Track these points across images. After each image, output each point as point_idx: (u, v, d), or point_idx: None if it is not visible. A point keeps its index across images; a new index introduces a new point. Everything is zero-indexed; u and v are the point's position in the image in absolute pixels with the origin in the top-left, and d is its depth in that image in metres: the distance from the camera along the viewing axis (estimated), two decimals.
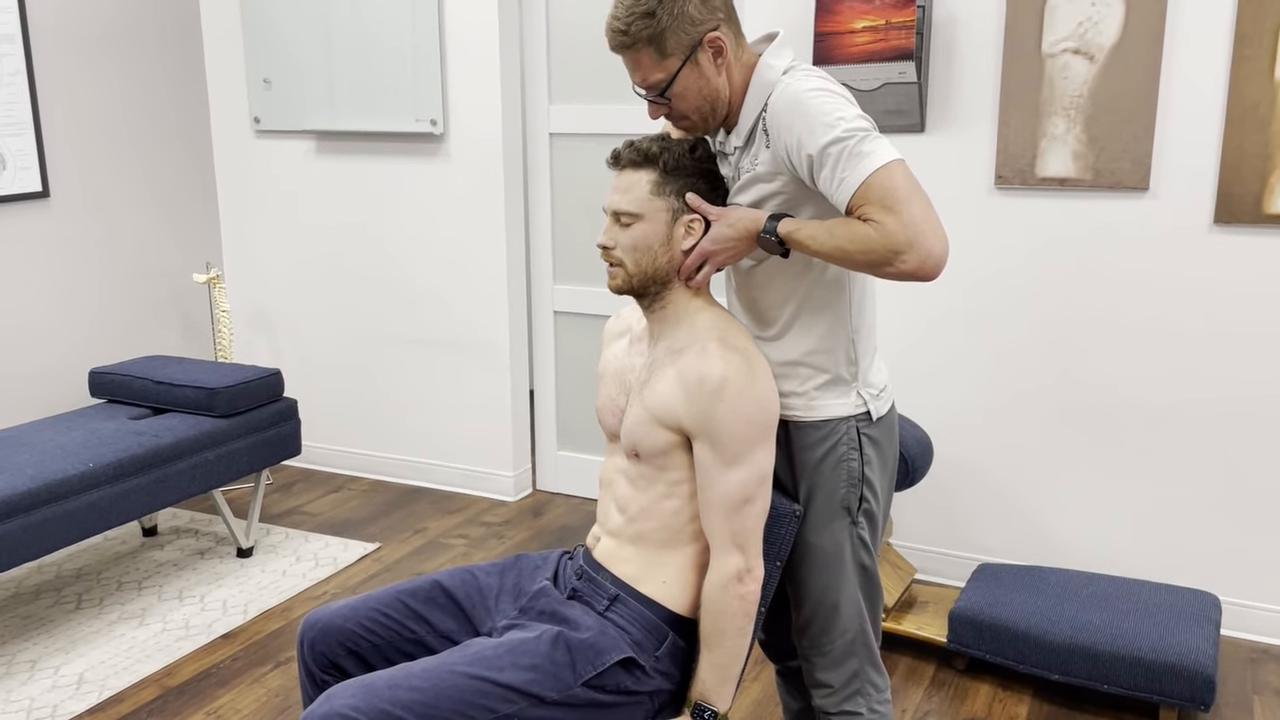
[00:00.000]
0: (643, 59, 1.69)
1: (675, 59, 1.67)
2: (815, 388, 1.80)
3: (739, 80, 1.72)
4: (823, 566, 1.84)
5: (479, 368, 4.05)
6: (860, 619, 1.88)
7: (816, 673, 1.91)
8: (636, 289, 1.78)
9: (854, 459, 1.81)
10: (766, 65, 1.71)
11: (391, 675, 1.66)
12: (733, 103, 1.74)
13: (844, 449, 1.80)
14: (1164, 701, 2.59)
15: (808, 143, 1.61)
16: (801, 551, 1.85)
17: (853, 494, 1.82)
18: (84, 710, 2.73)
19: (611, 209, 1.77)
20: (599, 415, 1.91)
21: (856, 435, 1.81)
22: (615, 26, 1.68)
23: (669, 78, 1.69)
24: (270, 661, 2.96)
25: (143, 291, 4.13)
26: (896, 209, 1.54)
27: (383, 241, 4.11)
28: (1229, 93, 2.80)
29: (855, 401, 1.81)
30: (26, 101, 3.63)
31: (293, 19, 4.00)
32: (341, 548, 3.66)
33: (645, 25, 1.65)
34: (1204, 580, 3.08)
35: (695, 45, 1.67)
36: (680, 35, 1.66)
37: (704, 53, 1.68)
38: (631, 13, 1.66)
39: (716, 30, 1.68)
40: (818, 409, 1.80)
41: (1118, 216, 2.98)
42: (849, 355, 1.80)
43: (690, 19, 1.66)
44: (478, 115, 3.82)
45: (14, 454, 3.01)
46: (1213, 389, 2.97)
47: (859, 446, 1.81)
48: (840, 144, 1.58)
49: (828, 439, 1.80)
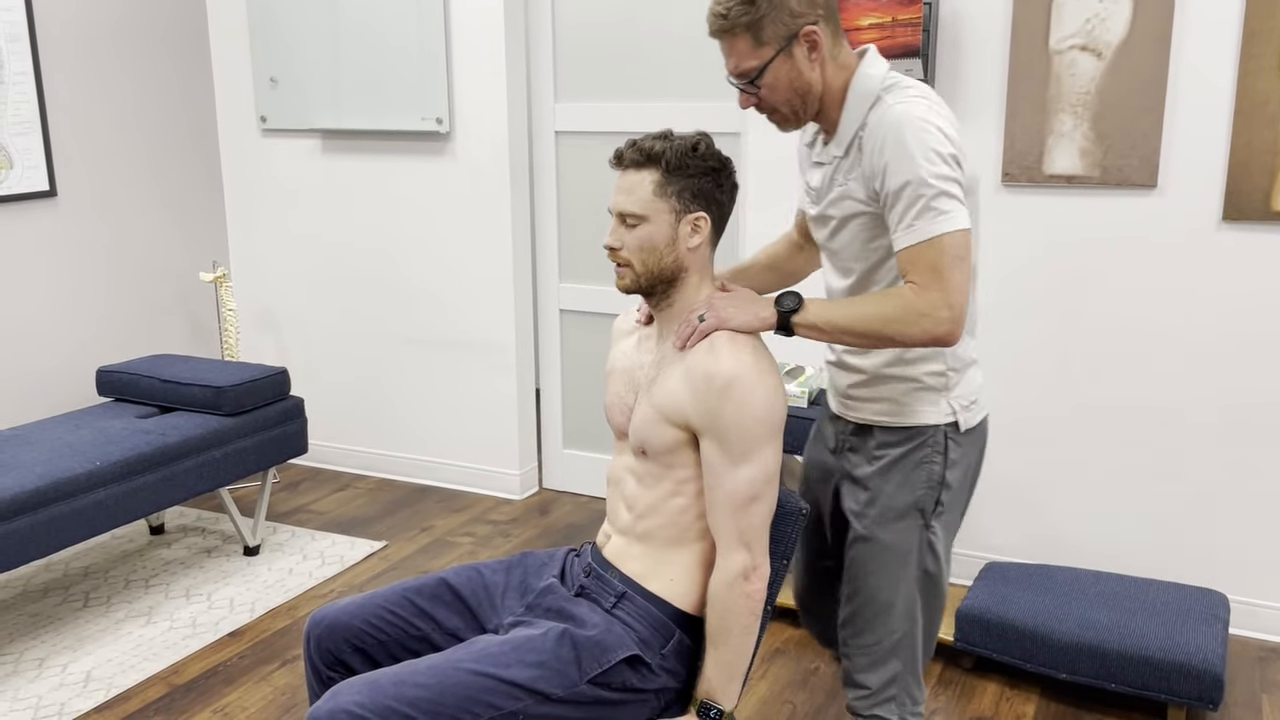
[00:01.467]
0: (738, 45, 1.70)
1: (770, 48, 1.69)
2: (904, 393, 1.82)
3: (835, 81, 1.73)
4: (884, 562, 1.84)
5: (485, 366, 4.05)
6: (911, 623, 1.86)
7: (855, 672, 1.90)
8: (645, 288, 1.78)
9: (936, 463, 1.82)
10: (865, 75, 1.72)
11: (397, 672, 1.66)
12: (826, 103, 1.75)
13: (928, 452, 1.82)
14: (1172, 700, 2.58)
15: (892, 174, 1.64)
16: (866, 545, 1.85)
17: (929, 496, 1.82)
18: (91, 708, 2.73)
19: (616, 210, 1.76)
20: (607, 413, 1.91)
21: (944, 441, 1.82)
22: (716, 10, 1.70)
23: (761, 65, 1.69)
24: (277, 659, 2.96)
25: (149, 290, 4.14)
26: (946, 275, 1.62)
27: (389, 240, 4.11)
28: (1237, 89, 2.79)
29: (945, 410, 1.82)
30: (33, 101, 3.64)
31: (299, 18, 4.01)
32: (348, 546, 3.67)
33: (744, 11, 1.67)
34: (1212, 579, 3.07)
35: (791, 37, 1.68)
36: (777, 25, 1.67)
37: (799, 46, 1.69)
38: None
39: (814, 25, 1.69)
40: (906, 415, 1.82)
41: (1125, 214, 2.97)
42: (939, 366, 1.81)
43: (789, 10, 1.67)
44: (484, 114, 3.82)
45: (22, 452, 3.02)
46: (1221, 387, 2.96)
47: (944, 452, 1.82)
48: (920, 190, 1.62)
49: (912, 441, 1.82)
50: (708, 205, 1.76)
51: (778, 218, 3.37)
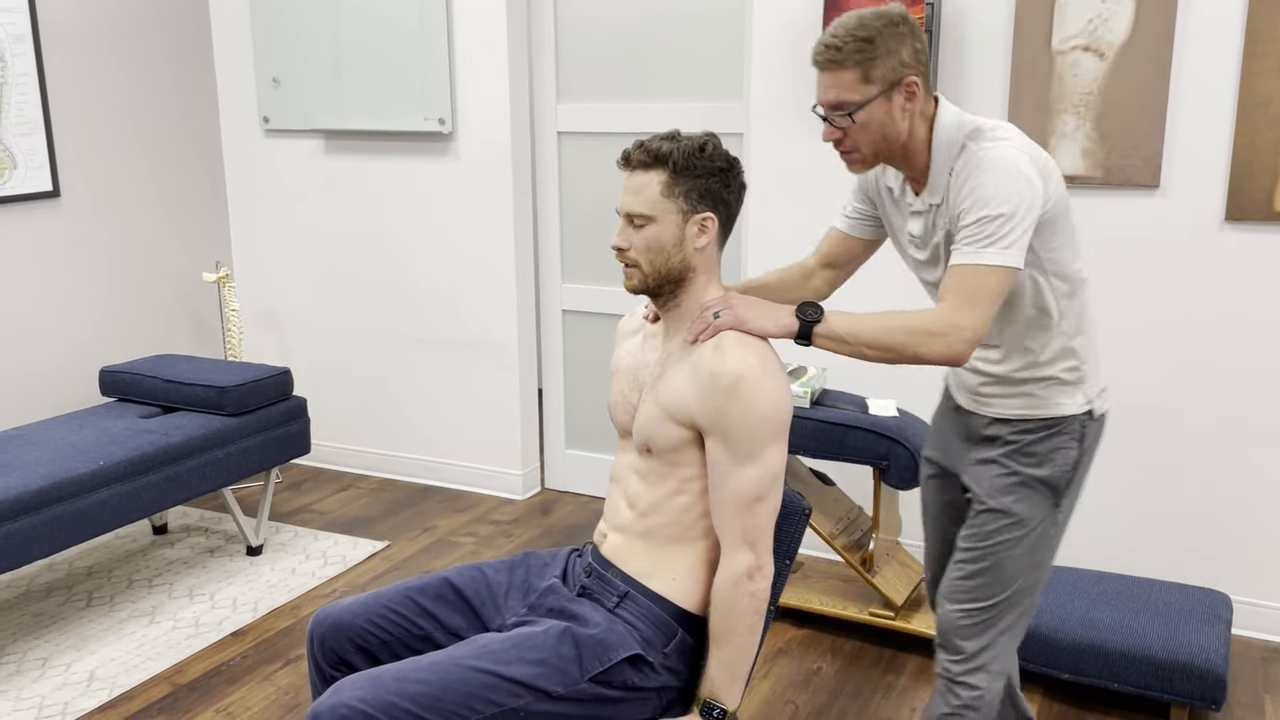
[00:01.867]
0: (844, 78, 1.77)
1: (874, 88, 1.77)
2: (1042, 389, 1.91)
3: (919, 132, 1.82)
4: (1010, 534, 1.92)
5: (488, 366, 4.05)
6: (1021, 594, 1.95)
7: (954, 636, 1.97)
8: (652, 288, 1.79)
9: (1073, 449, 1.93)
10: (943, 126, 1.81)
11: (399, 668, 1.66)
12: (910, 151, 1.83)
13: (1065, 439, 1.92)
14: (1175, 700, 2.58)
15: (969, 210, 1.74)
16: (993, 516, 1.93)
17: (1063, 478, 1.93)
18: (94, 708, 2.74)
19: (624, 211, 1.77)
20: (611, 411, 1.91)
21: (1080, 429, 1.93)
22: (831, 43, 1.77)
23: (862, 102, 1.77)
24: (280, 659, 2.96)
25: (153, 290, 4.15)
26: (980, 303, 1.71)
27: (391, 240, 4.11)
28: (1240, 89, 2.79)
29: (1081, 401, 1.92)
30: (37, 101, 3.65)
31: (302, 18, 4.01)
32: (351, 546, 3.67)
33: (860, 49, 1.75)
34: (1215, 579, 3.07)
35: (895, 84, 1.77)
36: (886, 69, 1.76)
37: (899, 93, 1.78)
38: (852, 35, 1.76)
39: (916, 78, 1.79)
40: (1045, 408, 1.92)
41: (1128, 214, 2.97)
42: (1074, 362, 1.91)
43: (901, 59, 1.77)
44: (486, 114, 3.83)
45: (25, 452, 3.02)
46: (1223, 386, 2.96)
47: (1080, 439, 1.93)
48: (989, 223, 1.71)
49: (1052, 429, 1.92)
50: (715, 205, 1.76)
51: (782, 216, 3.37)
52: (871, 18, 1.76)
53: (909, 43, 1.78)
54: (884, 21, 1.76)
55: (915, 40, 1.79)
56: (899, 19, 1.77)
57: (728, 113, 3.57)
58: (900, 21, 1.77)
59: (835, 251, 2.09)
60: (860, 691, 2.80)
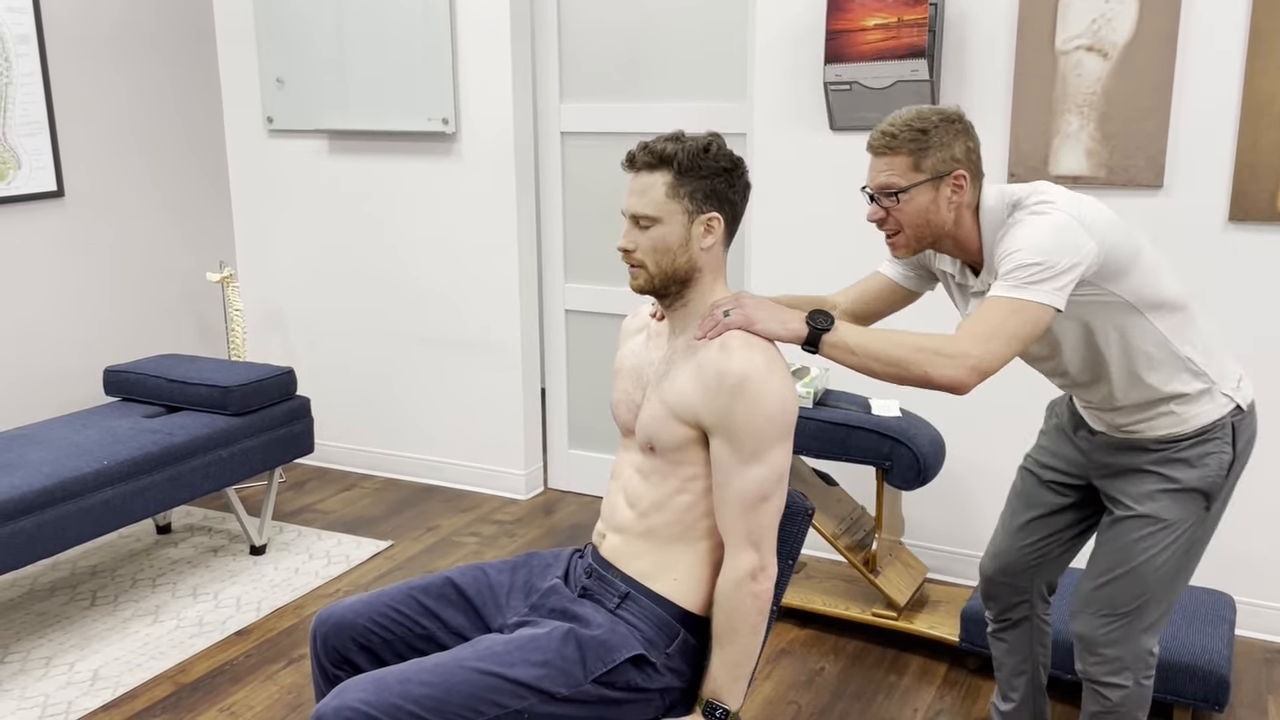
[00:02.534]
0: (896, 163, 1.85)
1: (922, 175, 1.85)
2: (1181, 405, 1.94)
3: (967, 222, 1.89)
4: (1158, 539, 1.95)
5: (491, 366, 4.05)
6: (1166, 596, 1.98)
7: (1097, 643, 2.01)
8: (658, 289, 1.79)
9: (1226, 452, 1.95)
10: (987, 208, 1.88)
11: (403, 670, 1.66)
12: (960, 239, 1.90)
13: (1217, 443, 1.94)
14: (1178, 701, 2.58)
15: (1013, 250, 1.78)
16: (1140, 522, 1.96)
17: (1218, 482, 1.95)
18: (98, 707, 2.74)
19: (629, 212, 1.77)
20: (614, 410, 1.91)
21: (1231, 429, 1.95)
22: (888, 130, 1.86)
23: (908, 185, 1.85)
24: (283, 659, 2.97)
25: (157, 290, 4.15)
26: (999, 337, 1.74)
27: (395, 240, 4.12)
28: (1244, 89, 2.79)
29: (1223, 401, 1.95)
30: (41, 101, 3.65)
31: (305, 19, 4.02)
32: (354, 545, 3.67)
33: (914, 138, 1.84)
34: (1219, 580, 3.06)
35: (944, 175, 1.85)
36: (937, 160, 1.84)
37: (946, 184, 1.86)
38: (909, 125, 1.84)
39: (965, 174, 1.86)
40: (1192, 421, 1.95)
41: (1132, 214, 2.97)
42: (1193, 370, 1.93)
43: (953, 154, 1.85)
44: (489, 114, 3.83)
45: (29, 452, 3.03)
46: None
47: (1233, 440, 1.95)
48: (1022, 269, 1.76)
49: (1202, 436, 1.94)
50: (720, 206, 1.76)
51: (784, 216, 3.37)
52: (930, 112, 1.86)
53: (962, 140, 1.86)
54: (941, 117, 1.85)
55: (969, 139, 1.87)
56: (955, 118, 1.86)
57: (730, 113, 3.57)
58: (956, 120, 1.86)
59: (872, 298, 2.13)
60: (863, 692, 2.80)
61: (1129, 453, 2.01)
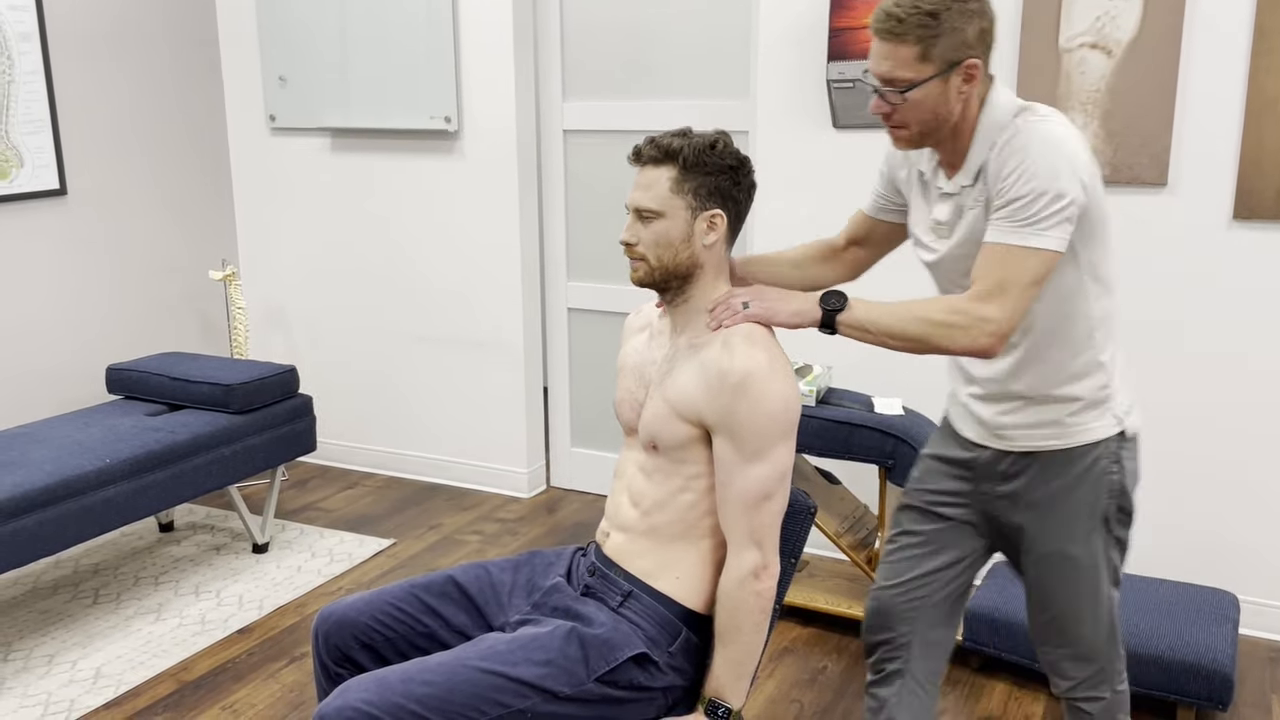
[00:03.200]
0: (901, 53, 1.66)
1: (932, 67, 1.66)
2: (1069, 414, 1.81)
3: (971, 113, 1.72)
4: (1076, 577, 1.86)
5: (493, 364, 4.05)
6: (1110, 619, 1.91)
7: (1062, 664, 1.95)
8: (659, 283, 1.78)
9: (1115, 473, 1.83)
10: (994, 105, 1.71)
11: (405, 670, 1.66)
12: (958, 132, 1.73)
13: (1105, 464, 1.82)
14: (1181, 701, 2.57)
15: (1014, 183, 1.63)
16: (1052, 561, 1.86)
17: (1112, 505, 1.84)
18: (101, 705, 2.74)
19: (633, 206, 1.77)
20: (617, 409, 1.91)
21: (1116, 451, 1.83)
22: (893, 12, 1.65)
23: (917, 80, 1.67)
24: (285, 657, 2.97)
25: (159, 288, 4.15)
26: (1011, 293, 1.62)
27: (397, 238, 4.12)
28: (1248, 87, 2.78)
29: (1110, 422, 1.82)
30: (44, 99, 3.65)
31: (308, 17, 4.01)
32: (356, 543, 3.67)
33: (923, 23, 1.64)
34: (1222, 579, 3.06)
35: (955, 64, 1.66)
36: (947, 48, 1.65)
37: (958, 74, 1.67)
38: (917, 6, 1.64)
39: (978, 60, 1.68)
40: (1075, 435, 1.82)
41: (1136, 212, 2.96)
42: (1102, 379, 1.80)
43: (965, 39, 1.65)
44: (492, 112, 3.82)
45: (32, 450, 3.03)
46: (1231, 385, 2.95)
47: (1119, 461, 1.83)
48: (1035, 201, 1.61)
49: (1087, 457, 1.82)
50: (724, 203, 1.76)
51: (788, 215, 3.37)
52: None
53: (976, 22, 1.66)
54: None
55: (983, 20, 1.67)
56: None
57: (733, 111, 3.57)
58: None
59: (860, 232, 2.02)
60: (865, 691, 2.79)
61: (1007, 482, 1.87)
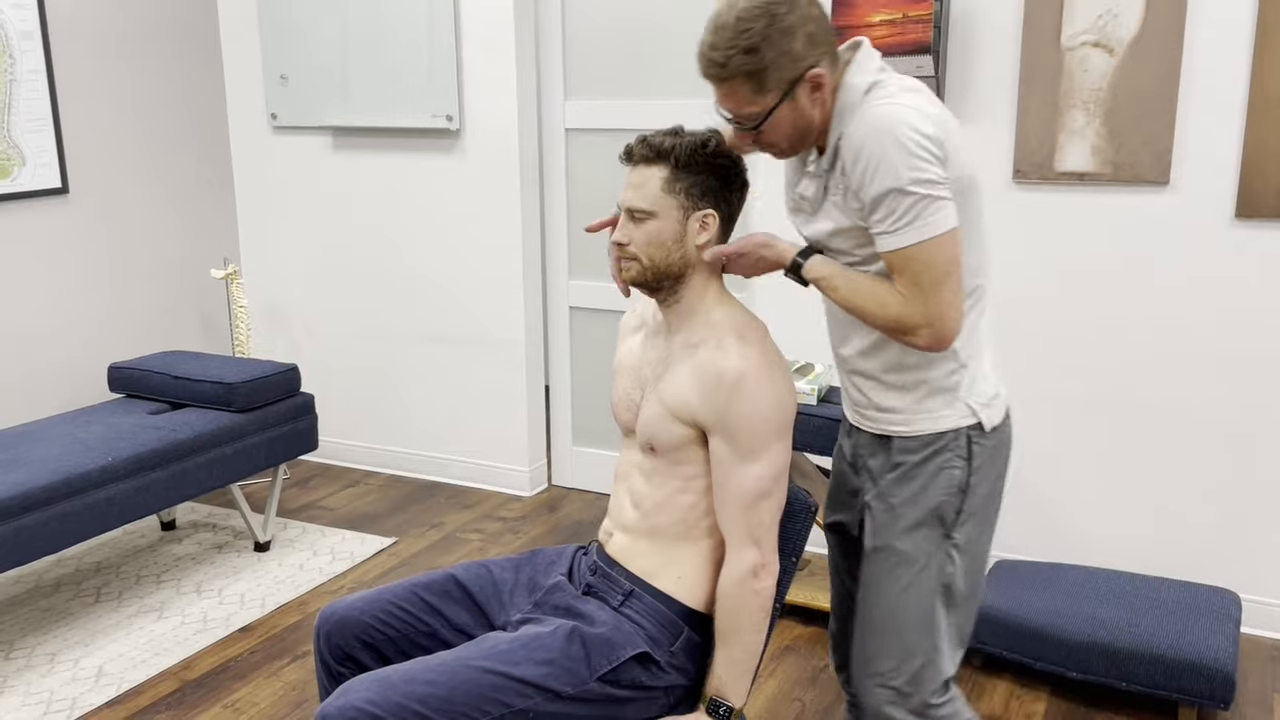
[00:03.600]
0: (738, 93, 1.60)
1: (773, 95, 1.59)
2: (916, 400, 1.72)
3: (832, 105, 1.64)
4: (899, 575, 1.74)
5: (495, 363, 4.05)
6: (932, 644, 1.74)
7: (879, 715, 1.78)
8: (650, 283, 1.77)
9: (958, 467, 1.71)
10: (848, 86, 1.62)
11: (407, 669, 1.66)
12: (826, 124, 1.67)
13: (948, 456, 1.71)
14: (1183, 699, 2.57)
15: (870, 183, 1.56)
16: (880, 557, 1.76)
17: (950, 504, 1.71)
18: (103, 703, 2.75)
19: (625, 205, 1.76)
20: (614, 410, 1.91)
21: (966, 444, 1.71)
22: (713, 58, 1.58)
23: (764, 112, 1.61)
24: (287, 655, 2.97)
25: (161, 287, 4.15)
26: (928, 289, 1.55)
27: (399, 237, 4.12)
28: (1250, 85, 2.78)
29: (963, 411, 1.71)
30: (46, 98, 3.66)
31: (309, 15, 4.01)
32: (358, 542, 3.68)
33: (746, 61, 1.56)
34: (1223, 577, 3.06)
35: (796, 81, 1.58)
36: (781, 72, 1.57)
37: (803, 87, 1.59)
38: (733, 45, 1.56)
39: (818, 66, 1.59)
40: (923, 422, 1.72)
41: (1138, 211, 2.96)
42: (951, 365, 1.70)
43: (794, 56, 1.56)
44: (493, 111, 3.82)
45: (34, 448, 3.03)
46: (1232, 384, 2.95)
47: (967, 456, 1.71)
48: (899, 197, 1.54)
49: (931, 446, 1.72)
50: (716, 203, 1.75)
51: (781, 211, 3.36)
52: (750, 15, 1.54)
53: (799, 32, 1.55)
54: (765, 19, 1.55)
55: (807, 24, 1.56)
56: (781, 6, 1.55)
57: None
58: (780, 8, 1.54)
59: None
60: None
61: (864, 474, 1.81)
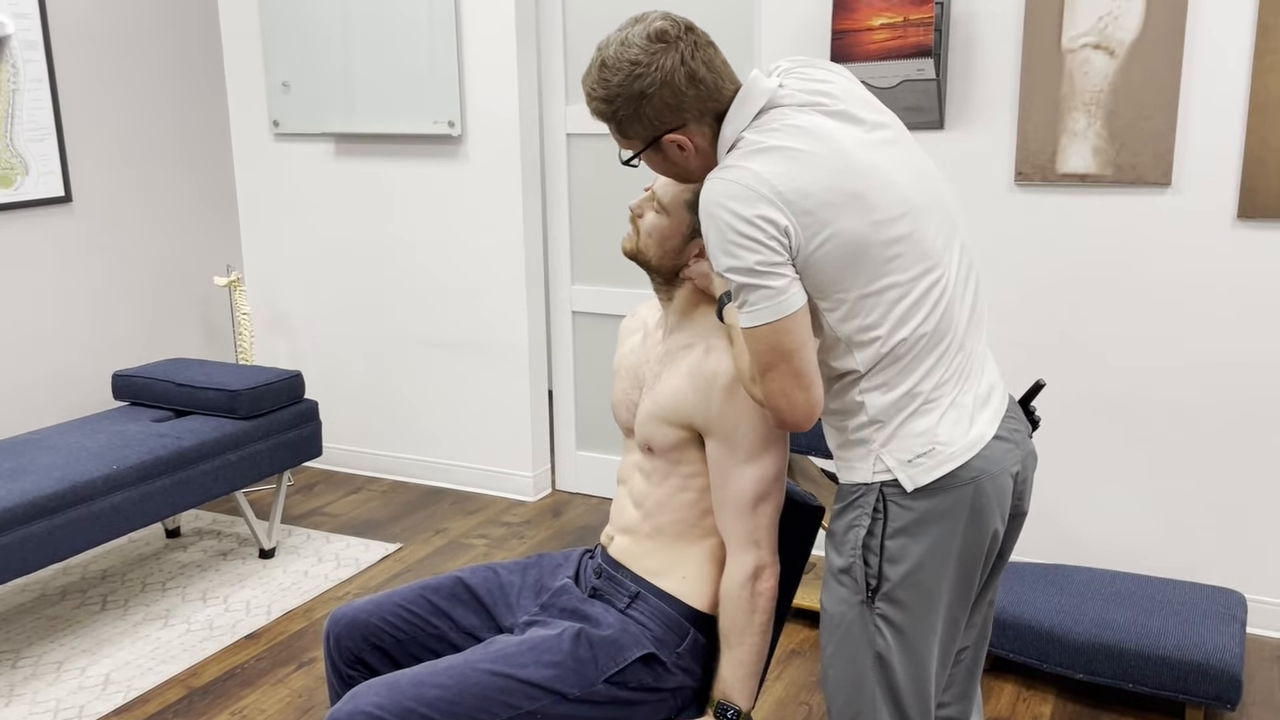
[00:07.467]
0: (609, 126, 1.60)
1: (637, 141, 1.59)
2: (838, 446, 1.66)
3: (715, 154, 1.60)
4: (828, 635, 1.68)
5: (498, 368, 4.06)
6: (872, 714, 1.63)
7: None
8: (640, 264, 1.81)
9: (862, 526, 1.59)
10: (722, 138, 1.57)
11: (415, 673, 1.67)
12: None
13: (856, 514, 1.60)
14: (1190, 700, 2.57)
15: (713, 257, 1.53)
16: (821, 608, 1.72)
17: (859, 567, 1.59)
18: (110, 711, 2.75)
19: (654, 187, 1.78)
20: (614, 411, 1.91)
21: (878, 503, 1.58)
22: (587, 89, 1.58)
23: (634, 154, 1.63)
24: (294, 662, 2.97)
25: (164, 294, 4.16)
26: (760, 373, 1.53)
27: (401, 243, 4.12)
28: (1252, 86, 2.78)
29: (876, 467, 1.58)
30: (49, 107, 3.66)
31: (311, 22, 4.02)
32: (363, 548, 3.68)
33: (604, 108, 1.56)
34: (1229, 578, 3.05)
35: (655, 139, 1.57)
36: (640, 129, 1.56)
37: (667, 144, 1.57)
38: (594, 89, 1.55)
39: (679, 130, 1.55)
40: (843, 471, 1.65)
41: (1139, 212, 2.96)
42: (861, 419, 1.58)
43: (647, 118, 1.54)
44: (495, 116, 3.83)
45: (39, 456, 3.04)
46: (1236, 385, 2.95)
47: (882, 516, 1.57)
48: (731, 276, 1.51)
49: (844, 499, 1.64)
50: None
51: None
52: (613, 66, 1.52)
53: (654, 98, 1.51)
54: (623, 75, 1.51)
55: (664, 90, 1.51)
56: (640, 68, 1.50)
57: None
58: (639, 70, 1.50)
59: None
60: None
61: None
